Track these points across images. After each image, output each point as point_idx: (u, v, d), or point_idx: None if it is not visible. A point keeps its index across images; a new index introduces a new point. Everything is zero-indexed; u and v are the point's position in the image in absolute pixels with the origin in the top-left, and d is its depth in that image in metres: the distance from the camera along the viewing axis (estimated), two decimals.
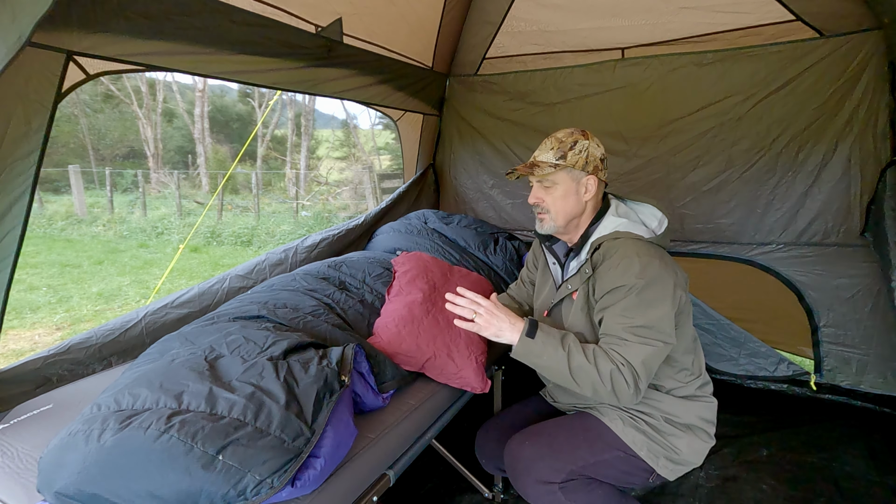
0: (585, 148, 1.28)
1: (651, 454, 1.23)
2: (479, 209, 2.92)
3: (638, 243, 1.21)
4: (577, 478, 1.20)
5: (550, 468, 1.20)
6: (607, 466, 1.23)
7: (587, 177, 1.28)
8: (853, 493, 1.73)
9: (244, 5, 1.57)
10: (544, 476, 1.20)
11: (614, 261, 1.19)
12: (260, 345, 1.09)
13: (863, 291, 2.06)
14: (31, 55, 1.13)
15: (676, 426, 1.25)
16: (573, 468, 1.20)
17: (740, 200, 2.22)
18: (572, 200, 1.30)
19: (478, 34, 2.72)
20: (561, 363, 1.13)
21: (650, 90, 2.32)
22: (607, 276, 1.18)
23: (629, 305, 1.14)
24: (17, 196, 1.15)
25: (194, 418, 0.86)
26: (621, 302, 1.15)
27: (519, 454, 1.26)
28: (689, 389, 1.28)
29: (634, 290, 1.14)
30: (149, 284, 5.67)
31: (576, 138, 1.28)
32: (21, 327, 4.29)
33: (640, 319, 1.13)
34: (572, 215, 1.32)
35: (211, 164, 14.65)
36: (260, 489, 0.80)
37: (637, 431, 1.24)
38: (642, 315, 1.13)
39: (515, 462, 1.26)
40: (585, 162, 1.28)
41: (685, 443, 1.25)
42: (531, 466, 1.22)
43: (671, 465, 1.25)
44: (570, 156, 1.27)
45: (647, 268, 1.15)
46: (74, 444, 0.85)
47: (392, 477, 1.11)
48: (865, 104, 1.95)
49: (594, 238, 1.29)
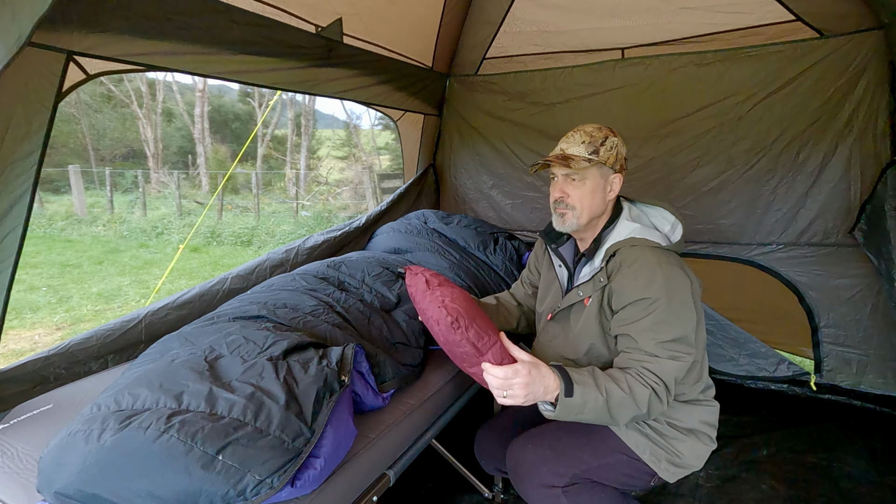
0: (615, 145, 1.24)
1: (654, 457, 1.23)
2: (479, 209, 2.92)
3: (657, 252, 1.19)
4: (580, 481, 1.20)
5: (553, 472, 1.19)
6: (610, 469, 1.23)
7: (615, 174, 1.26)
8: (853, 493, 1.73)
9: (244, 5, 1.57)
10: (547, 480, 1.19)
11: (634, 271, 1.15)
12: (260, 345, 1.09)
13: (863, 292, 2.06)
14: (31, 55, 1.13)
15: (679, 430, 1.25)
16: (576, 472, 1.20)
17: (740, 201, 2.21)
18: (598, 198, 1.26)
19: (478, 34, 2.72)
20: (602, 409, 1.06)
21: (650, 90, 2.32)
22: (629, 288, 1.15)
23: (658, 320, 1.11)
24: (17, 196, 1.15)
25: (194, 418, 0.86)
26: (648, 317, 1.12)
27: (521, 458, 1.25)
28: (692, 394, 1.27)
29: (660, 304, 1.11)
30: (149, 284, 5.67)
31: (605, 134, 1.24)
32: (21, 327, 4.29)
33: (669, 334, 1.11)
34: (596, 213, 1.27)
35: (211, 164, 14.65)
36: (260, 489, 0.80)
37: (640, 435, 1.24)
38: (671, 329, 1.11)
39: (518, 466, 1.25)
40: (615, 159, 1.25)
41: (688, 447, 1.24)
42: (534, 470, 1.21)
43: (673, 468, 1.25)
44: (602, 151, 1.22)
45: (670, 280, 1.13)
46: (74, 444, 0.85)
47: (392, 477, 1.11)
48: (865, 104, 1.95)
49: (609, 244, 1.25)
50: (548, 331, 1.38)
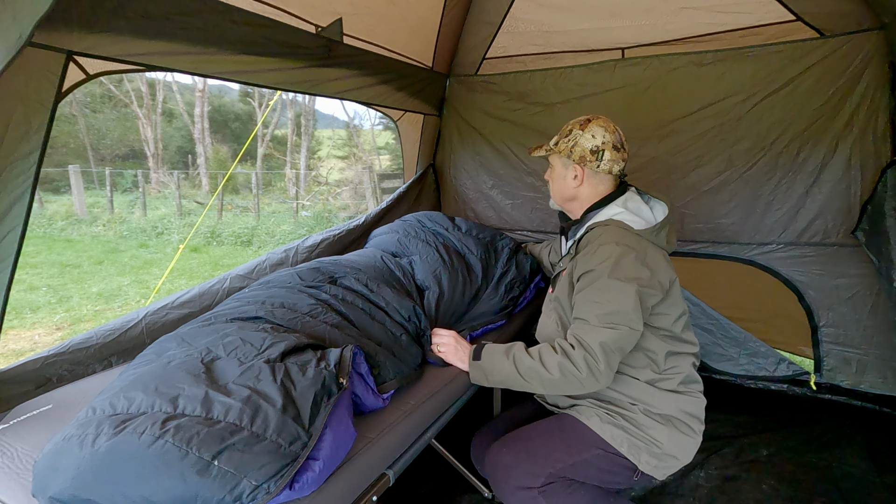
0: (576, 138, 1.36)
1: (632, 449, 1.22)
2: (478, 209, 2.92)
3: (622, 231, 1.25)
4: (556, 480, 1.19)
5: (528, 473, 1.20)
6: (587, 466, 1.22)
7: (574, 165, 1.37)
8: (853, 493, 1.72)
9: (244, 5, 1.57)
10: (523, 482, 1.20)
11: (593, 246, 1.24)
12: (257, 347, 1.08)
13: (863, 291, 2.06)
14: (31, 55, 1.12)
15: (654, 418, 1.24)
16: (551, 471, 1.20)
17: (740, 200, 2.21)
18: (562, 184, 1.42)
19: (478, 34, 2.72)
20: (511, 373, 1.20)
21: (650, 90, 2.32)
22: (584, 260, 1.24)
23: (596, 289, 1.17)
24: (17, 196, 1.15)
25: (189, 423, 0.85)
26: (590, 287, 1.19)
27: (497, 461, 1.27)
28: (670, 384, 1.27)
29: (601, 276, 1.17)
30: (149, 284, 5.67)
31: (572, 127, 1.39)
32: (21, 327, 4.29)
33: (605, 306, 1.15)
34: (565, 198, 1.44)
35: (211, 164, 14.65)
36: (256, 495, 0.80)
37: (616, 427, 1.23)
38: (606, 301, 1.15)
39: (494, 469, 1.27)
40: (571, 151, 1.36)
41: (666, 435, 1.23)
42: (509, 472, 1.22)
43: (654, 460, 1.23)
44: (560, 143, 1.40)
45: (620, 259, 1.18)
46: (68, 449, 0.85)
47: (392, 477, 1.11)
48: (865, 104, 1.94)
49: (590, 223, 1.35)
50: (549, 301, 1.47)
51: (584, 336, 1.14)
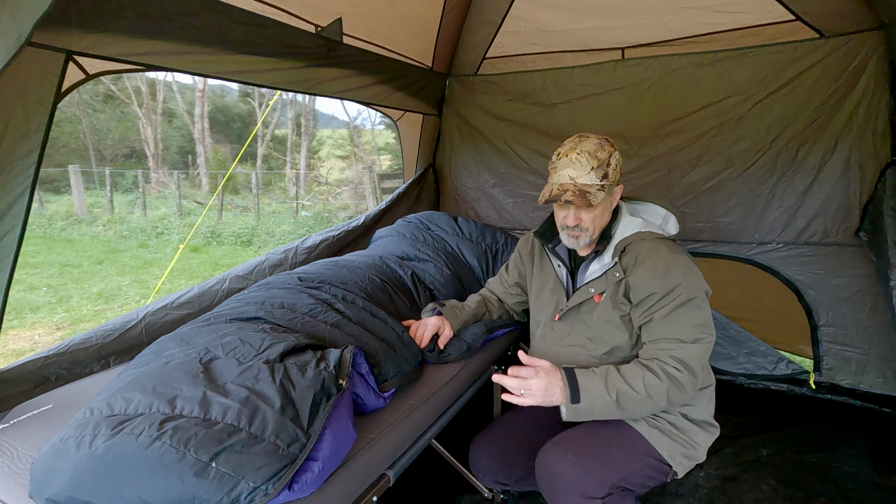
0: (618, 160, 1.24)
1: (671, 453, 1.23)
2: (479, 208, 2.92)
3: (668, 243, 1.24)
4: (614, 491, 1.16)
5: (595, 483, 1.14)
6: (638, 475, 1.21)
7: (618, 187, 1.28)
8: (853, 493, 1.72)
9: (244, 5, 1.57)
10: (590, 492, 1.13)
11: (652, 263, 1.19)
12: (256, 347, 1.07)
13: (862, 291, 2.06)
14: (31, 55, 1.12)
15: (694, 422, 1.26)
16: (613, 481, 1.16)
17: (740, 200, 2.22)
18: (608, 213, 1.29)
19: (478, 34, 2.72)
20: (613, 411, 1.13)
21: (650, 90, 2.32)
22: (650, 280, 1.19)
23: (680, 305, 1.16)
24: (16, 196, 1.15)
25: (187, 424, 0.84)
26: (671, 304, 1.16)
27: (560, 469, 1.17)
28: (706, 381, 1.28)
29: (682, 291, 1.16)
30: (149, 284, 5.67)
31: (609, 151, 1.22)
32: (21, 327, 4.29)
33: (692, 319, 1.15)
34: (605, 226, 1.29)
35: (211, 164, 14.65)
36: (254, 496, 0.79)
37: (661, 433, 1.23)
38: (693, 314, 1.16)
39: (556, 477, 1.17)
40: (620, 174, 1.26)
41: (702, 437, 1.26)
42: (576, 482, 1.15)
43: (686, 461, 1.24)
44: (610, 174, 1.21)
45: (686, 268, 1.18)
46: (66, 450, 0.84)
47: (392, 477, 1.11)
48: (865, 104, 1.95)
49: (617, 241, 1.27)
50: (555, 331, 1.38)
51: (686, 358, 1.13)
